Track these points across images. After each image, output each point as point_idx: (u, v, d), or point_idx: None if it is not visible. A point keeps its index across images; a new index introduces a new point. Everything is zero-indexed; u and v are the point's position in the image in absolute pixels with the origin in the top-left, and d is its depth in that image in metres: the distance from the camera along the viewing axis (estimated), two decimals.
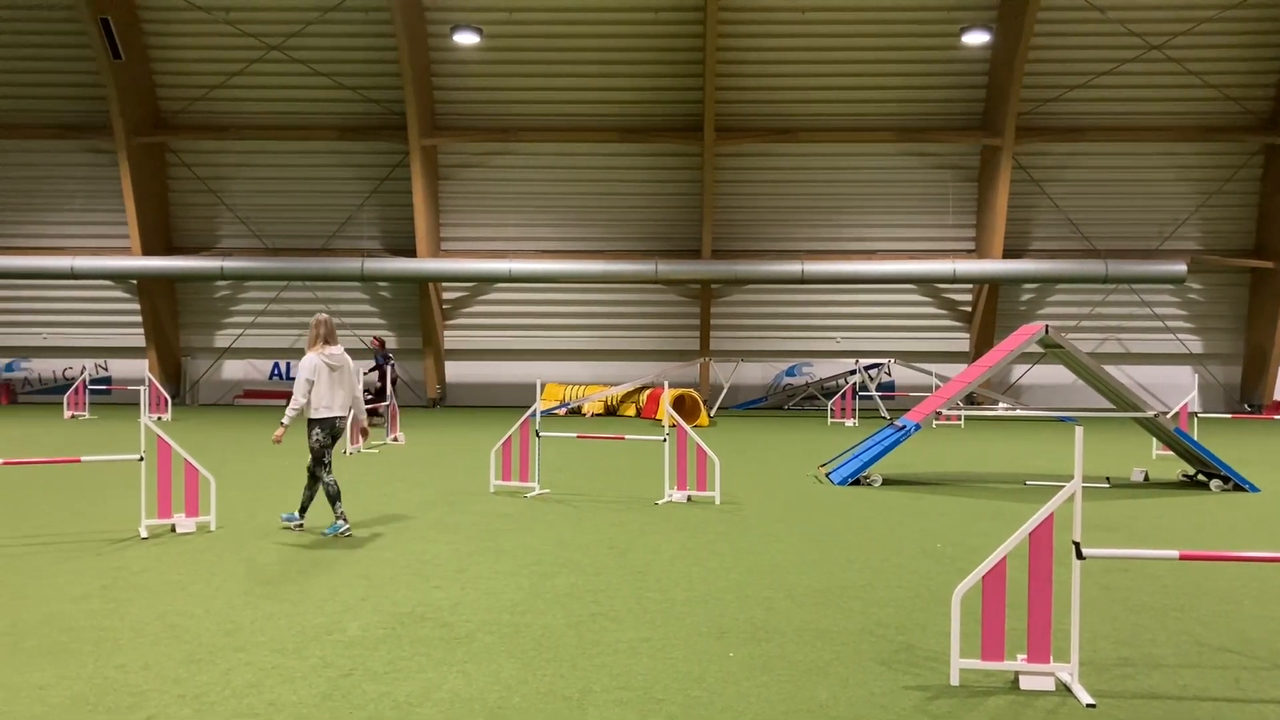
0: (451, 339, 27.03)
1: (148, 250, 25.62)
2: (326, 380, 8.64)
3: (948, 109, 25.42)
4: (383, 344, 21.78)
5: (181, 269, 25.17)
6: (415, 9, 23.85)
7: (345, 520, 8.73)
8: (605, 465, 13.76)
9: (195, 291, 27.24)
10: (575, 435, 11.17)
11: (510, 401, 26.92)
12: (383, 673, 5.04)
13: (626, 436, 10.81)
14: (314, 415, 8.64)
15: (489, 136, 25.45)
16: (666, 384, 11.20)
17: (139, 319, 26.85)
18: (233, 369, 27.53)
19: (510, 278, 24.75)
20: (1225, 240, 26.23)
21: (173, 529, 8.77)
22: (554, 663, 5.22)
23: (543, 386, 24.60)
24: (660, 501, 10.44)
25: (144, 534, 8.56)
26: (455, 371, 27.20)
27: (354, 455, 14.85)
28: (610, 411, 23.99)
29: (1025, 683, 4.81)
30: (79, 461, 8.68)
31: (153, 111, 25.68)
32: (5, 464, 8.44)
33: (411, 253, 26.04)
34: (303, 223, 26.74)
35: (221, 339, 27.36)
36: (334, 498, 8.75)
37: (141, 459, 8.70)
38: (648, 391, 23.19)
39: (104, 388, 26.66)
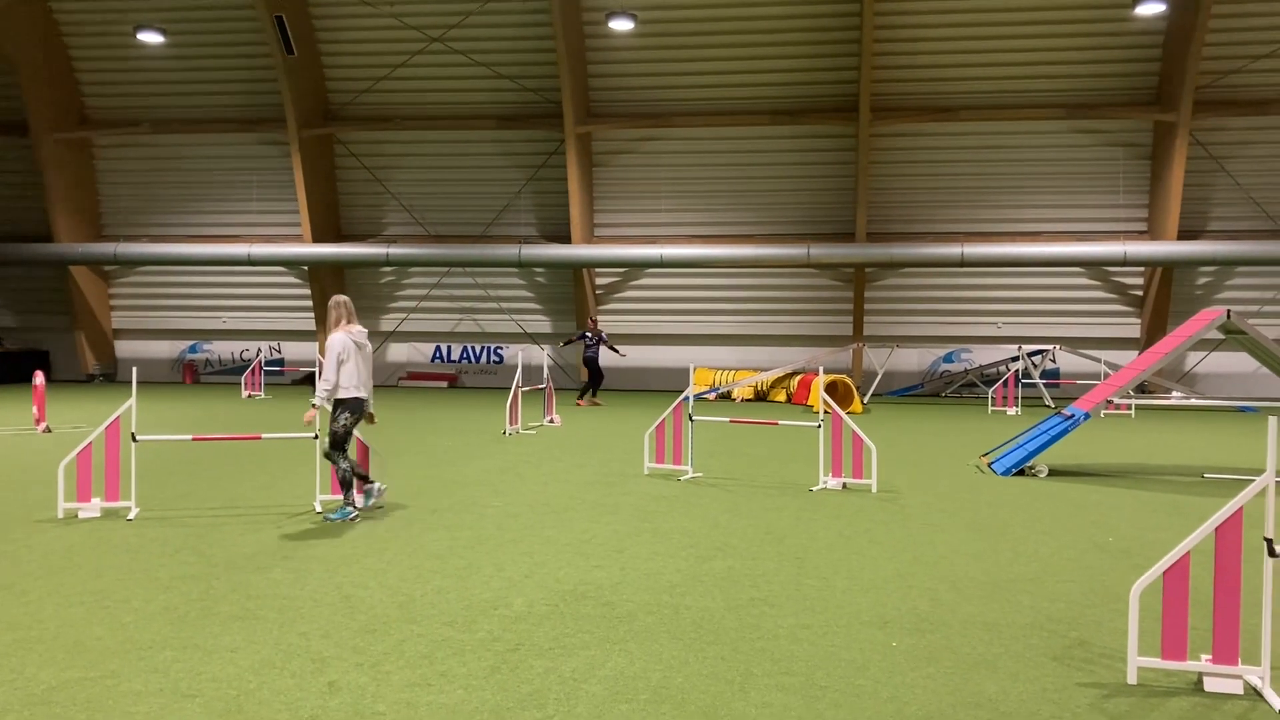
0: (604, 324, 27.36)
1: (318, 238, 26.79)
2: (355, 359, 8.67)
3: (1118, 84, 24.24)
4: (594, 323, 22.44)
5: (349, 255, 26.23)
6: None
7: (355, 508, 8.63)
8: (757, 450, 13.72)
9: (362, 277, 28.36)
10: (728, 420, 11.17)
11: (661, 385, 27.10)
12: (548, 648, 5.17)
13: (780, 422, 10.75)
14: (343, 395, 8.59)
15: (642, 123, 25.60)
16: (821, 369, 11.08)
17: (310, 303, 28.13)
18: (397, 352, 28.56)
19: (661, 263, 24.88)
20: None
21: None
22: (714, 645, 5.25)
23: (693, 371, 24.64)
24: (815, 488, 10.35)
25: (319, 508, 8.98)
26: (608, 355, 27.53)
27: (512, 436, 15.22)
28: (760, 397, 23.87)
29: (1210, 685, 4.58)
30: (260, 439, 9.17)
31: (322, 104, 26.80)
32: (195, 439, 8.98)
33: (566, 239, 26.47)
34: (463, 210, 27.50)
35: (387, 323, 28.41)
36: (347, 485, 8.62)
37: (316, 437, 9.12)
38: (799, 377, 22.98)
39: (278, 369, 28.08)
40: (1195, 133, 23.87)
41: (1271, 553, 4.46)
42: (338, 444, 8.64)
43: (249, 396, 23.33)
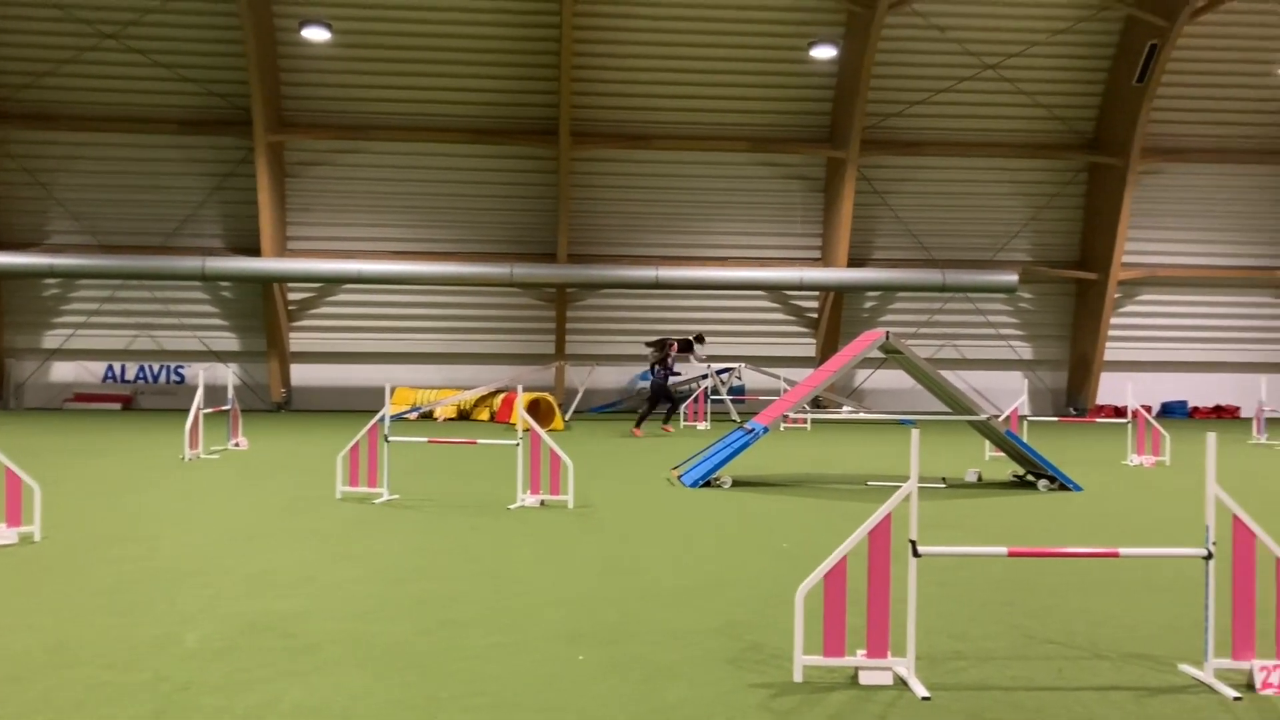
0: (298, 341, 26.30)
1: None
2: None
3: (797, 120, 26.12)
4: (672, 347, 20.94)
5: (6, 265, 23.79)
6: (262, 1, 23.14)
7: None
8: (457, 470, 13.63)
9: (21, 289, 25.74)
10: (426, 440, 11.01)
11: (360, 405, 26.35)
12: (221, 686, 4.87)
13: (479, 441, 10.72)
14: None
15: (339, 134, 24.91)
16: (520, 388, 11.17)
17: None
18: (63, 371, 26.13)
19: (360, 279, 24.27)
20: (1053, 252, 27.74)
21: None
22: (403, 671, 5.14)
23: (393, 390, 24.18)
24: (513, 506, 10.40)
25: None
26: (302, 375, 26.46)
27: (193, 461, 14.28)
28: (463, 416, 23.73)
29: (864, 678, 4.98)
30: None
31: None
32: None
33: (256, 251, 25.21)
34: (140, 219, 25.62)
35: (50, 339, 25.93)
36: None
37: None
38: (502, 396, 23.06)
39: None
40: (862, 169, 26.10)
41: (915, 553, 4.92)
42: None
43: None
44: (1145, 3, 24.66)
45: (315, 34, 23.35)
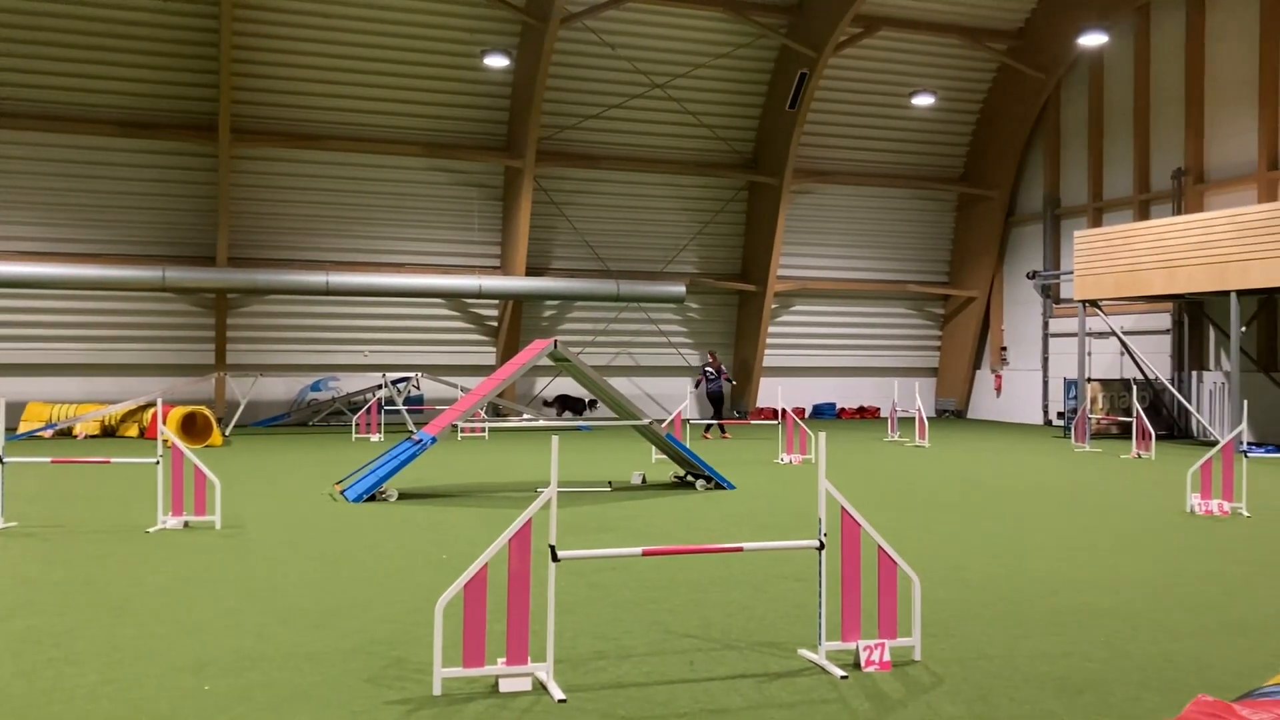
0: None
1: None
2: None
3: (473, 128, 26.02)
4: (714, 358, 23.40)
5: None
6: None
7: None
8: (93, 493, 12.43)
9: None
10: (49, 460, 9.96)
11: None
12: None
13: (113, 460, 9.83)
14: None
15: None
16: (160, 401, 10.35)
17: None
18: None
19: None
20: (718, 265, 29.27)
21: None
22: None
23: (3, 404, 21.81)
24: (152, 529, 9.59)
25: None
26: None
27: None
28: (109, 433, 21.75)
29: (505, 685, 4.95)
30: None
31: None
32: None
33: None
34: None
35: None
36: None
37: None
38: (153, 410, 21.34)
39: None
40: (539, 179, 26.38)
41: (554, 558, 4.95)
42: None
43: None
44: (796, 34, 26.58)
45: None
